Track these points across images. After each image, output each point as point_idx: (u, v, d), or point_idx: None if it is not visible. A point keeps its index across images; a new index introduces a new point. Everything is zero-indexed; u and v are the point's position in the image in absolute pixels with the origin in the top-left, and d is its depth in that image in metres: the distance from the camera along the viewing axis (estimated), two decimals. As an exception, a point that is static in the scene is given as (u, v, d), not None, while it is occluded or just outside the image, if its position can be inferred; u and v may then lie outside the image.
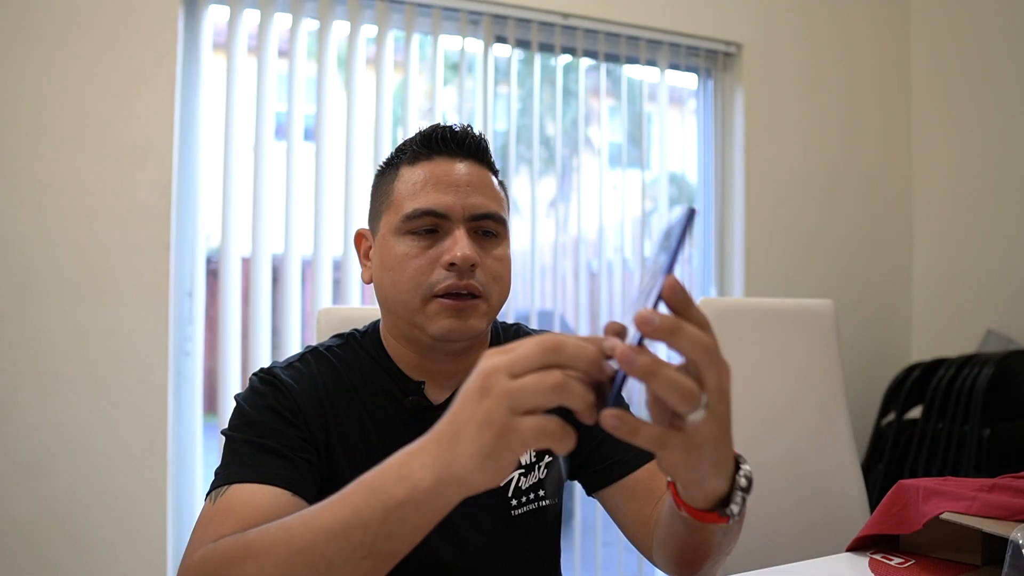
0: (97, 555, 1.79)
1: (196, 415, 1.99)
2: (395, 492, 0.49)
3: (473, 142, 0.86)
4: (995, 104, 2.52)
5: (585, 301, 2.42)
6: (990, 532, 0.83)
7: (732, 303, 1.60)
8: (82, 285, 1.80)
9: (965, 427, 2.08)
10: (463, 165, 0.84)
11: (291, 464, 0.75)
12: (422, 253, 0.81)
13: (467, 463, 0.46)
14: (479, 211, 0.83)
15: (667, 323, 0.45)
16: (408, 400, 0.85)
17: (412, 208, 0.82)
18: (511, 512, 0.87)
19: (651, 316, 0.45)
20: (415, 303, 0.81)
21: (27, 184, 1.77)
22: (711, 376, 0.47)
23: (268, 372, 0.84)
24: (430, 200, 0.81)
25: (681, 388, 0.45)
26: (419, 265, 0.81)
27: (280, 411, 0.79)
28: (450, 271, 0.80)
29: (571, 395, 0.45)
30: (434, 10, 2.18)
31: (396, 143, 2.21)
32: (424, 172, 0.83)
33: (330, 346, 0.89)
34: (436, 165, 0.84)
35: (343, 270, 2.10)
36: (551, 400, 0.45)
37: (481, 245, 0.83)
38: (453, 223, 0.82)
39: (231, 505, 0.70)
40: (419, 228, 0.82)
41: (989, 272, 2.53)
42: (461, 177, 0.83)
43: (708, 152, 2.62)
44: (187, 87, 1.98)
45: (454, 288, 0.80)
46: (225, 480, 0.73)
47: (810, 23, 2.66)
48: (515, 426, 0.45)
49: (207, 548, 0.62)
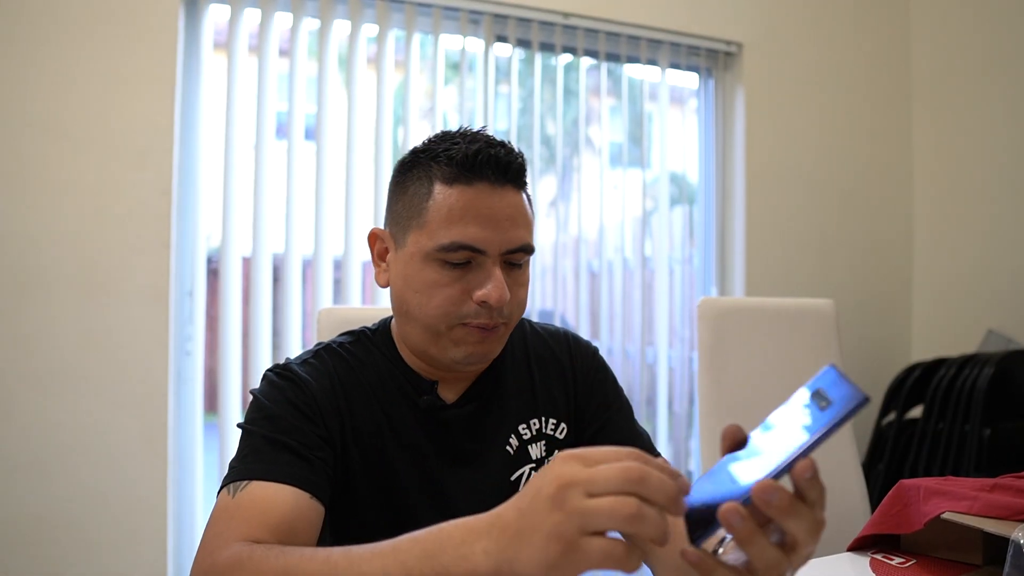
0: (97, 554, 1.79)
1: (196, 414, 1.99)
2: (453, 569, 0.50)
3: (516, 169, 0.81)
4: (995, 104, 2.52)
5: (585, 301, 2.42)
6: (991, 532, 0.83)
7: (732, 303, 1.60)
8: (82, 285, 1.80)
9: (966, 427, 2.08)
10: (504, 195, 0.80)
11: (308, 465, 0.75)
12: (453, 284, 0.79)
13: (529, 567, 0.46)
14: (515, 245, 0.80)
15: (784, 504, 0.46)
16: (422, 400, 0.86)
17: (449, 240, 0.78)
18: None
19: (772, 492, 0.46)
20: (440, 328, 0.81)
21: (27, 184, 1.77)
22: (808, 549, 0.48)
23: (284, 368, 0.83)
24: (468, 235, 0.78)
25: (767, 562, 0.47)
26: (449, 295, 0.79)
27: (298, 405, 0.79)
28: (481, 307, 0.79)
29: (645, 526, 0.44)
30: (435, 9, 2.18)
31: (397, 143, 2.23)
32: (463, 200, 0.78)
33: (343, 343, 0.89)
34: (477, 194, 0.78)
35: (343, 270, 2.10)
36: (623, 528, 0.45)
37: (509, 275, 0.81)
38: (488, 258, 0.79)
39: (254, 502, 0.70)
40: (453, 260, 0.79)
41: (989, 272, 2.52)
42: (502, 210, 0.79)
43: (709, 152, 2.62)
44: (188, 87, 1.98)
45: (485, 326, 0.80)
46: (244, 475, 0.72)
47: (811, 23, 2.66)
48: (583, 545, 0.45)
49: (239, 550, 0.62)
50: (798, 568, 0.49)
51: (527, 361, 0.94)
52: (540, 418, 0.91)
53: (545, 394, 0.93)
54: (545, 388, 0.93)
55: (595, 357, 0.98)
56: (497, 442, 0.88)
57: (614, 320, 2.46)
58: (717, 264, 2.60)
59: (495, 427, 0.89)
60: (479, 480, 0.86)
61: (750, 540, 0.46)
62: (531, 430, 0.90)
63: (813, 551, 0.49)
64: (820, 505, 0.48)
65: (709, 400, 1.48)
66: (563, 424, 0.92)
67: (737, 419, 0.54)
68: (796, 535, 0.47)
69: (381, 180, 2.13)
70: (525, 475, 0.88)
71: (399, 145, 2.24)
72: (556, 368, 0.95)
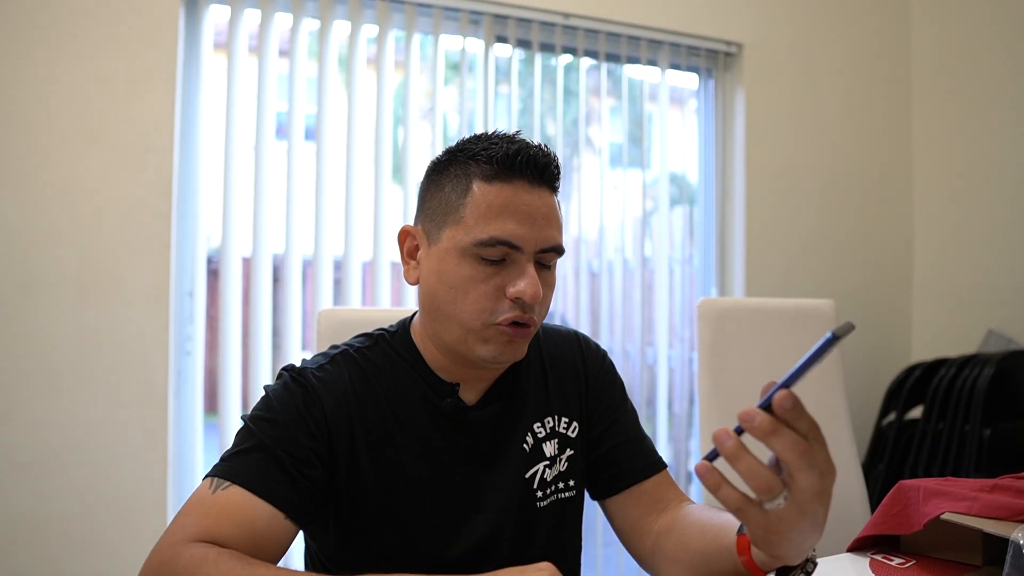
0: (98, 553, 1.79)
1: (196, 414, 1.99)
2: None
3: (552, 171, 0.83)
4: (995, 104, 2.52)
5: (586, 301, 2.42)
6: (991, 532, 0.83)
7: (732, 303, 1.60)
8: (83, 285, 1.80)
9: (966, 427, 2.08)
10: (541, 194, 0.82)
11: (293, 484, 0.75)
12: (488, 280, 0.80)
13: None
14: (548, 245, 0.81)
15: (765, 425, 0.53)
16: (445, 403, 0.86)
17: (487, 235, 0.78)
18: (536, 504, 0.89)
19: (752, 415, 0.53)
20: (474, 326, 0.81)
21: (28, 184, 1.77)
22: (804, 478, 0.54)
23: (300, 373, 0.83)
24: (507, 231, 0.79)
25: (757, 478, 0.54)
26: (484, 291, 0.80)
27: (305, 417, 0.79)
28: (515, 303, 0.80)
29: None
30: (435, 10, 2.18)
31: (396, 143, 2.23)
32: (502, 197, 0.80)
33: (360, 347, 0.89)
34: (515, 191, 0.80)
35: (344, 270, 2.10)
36: None
37: (540, 275, 0.82)
38: (523, 255, 0.80)
39: (229, 506, 0.71)
40: (490, 256, 0.79)
41: (989, 272, 2.52)
42: (539, 209, 0.81)
43: (709, 152, 2.62)
44: (188, 87, 1.99)
45: (517, 320, 0.80)
46: (231, 475, 0.74)
47: (811, 23, 2.66)
48: None
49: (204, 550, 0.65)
50: (810, 502, 0.54)
51: (540, 360, 0.95)
52: (554, 416, 0.93)
53: (558, 393, 0.94)
54: (558, 387, 0.94)
55: (604, 360, 1.00)
56: (515, 441, 0.89)
57: (614, 320, 2.46)
58: (717, 264, 2.60)
59: (514, 427, 0.90)
60: (498, 479, 0.87)
61: (736, 457, 0.54)
62: (545, 428, 0.92)
63: (819, 486, 0.54)
64: (815, 439, 0.54)
65: (709, 400, 1.48)
66: (575, 423, 0.94)
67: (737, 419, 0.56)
68: (783, 456, 0.54)
69: (381, 180, 2.13)
70: (539, 472, 0.89)
71: (399, 145, 2.24)
72: (569, 368, 0.96)
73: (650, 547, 0.88)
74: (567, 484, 0.92)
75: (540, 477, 0.89)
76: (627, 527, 0.92)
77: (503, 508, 0.86)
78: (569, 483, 0.92)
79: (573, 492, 0.93)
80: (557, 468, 0.91)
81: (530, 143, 0.83)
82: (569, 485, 0.92)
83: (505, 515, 0.86)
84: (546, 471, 0.90)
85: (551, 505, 0.90)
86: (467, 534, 0.84)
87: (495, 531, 0.85)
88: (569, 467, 0.92)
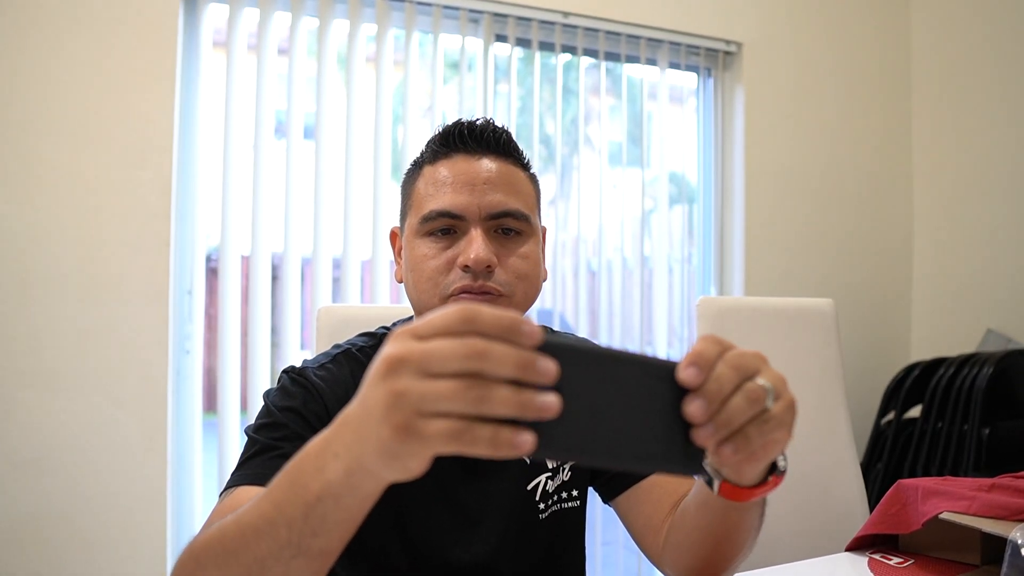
0: (97, 553, 1.79)
1: (196, 413, 1.99)
2: (312, 486, 0.47)
3: (492, 136, 0.84)
4: (995, 104, 2.52)
5: (585, 300, 2.42)
6: (989, 532, 0.83)
7: (732, 302, 1.59)
8: (82, 283, 1.80)
9: (964, 427, 2.08)
10: (482, 162, 0.82)
11: None
12: (439, 254, 0.80)
13: (372, 460, 0.43)
14: (496, 209, 0.81)
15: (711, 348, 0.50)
16: None
17: (428, 209, 0.81)
18: (538, 516, 0.88)
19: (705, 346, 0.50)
20: (434, 303, 0.81)
21: (27, 182, 1.77)
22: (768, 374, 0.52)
23: (300, 373, 0.83)
24: (446, 201, 0.80)
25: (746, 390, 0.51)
26: (436, 266, 0.80)
27: (306, 415, 0.79)
28: (465, 272, 0.79)
29: (494, 406, 0.40)
30: (434, 8, 2.18)
31: (396, 142, 2.23)
32: (443, 171, 0.82)
33: (362, 346, 0.89)
34: (454, 163, 0.82)
35: (342, 268, 2.10)
36: (469, 411, 0.40)
37: (503, 244, 0.81)
38: (469, 223, 0.80)
39: (234, 505, 0.70)
40: (435, 229, 0.81)
41: (989, 272, 2.52)
42: (479, 175, 0.81)
43: (708, 151, 2.62)
44: (187, 85, 1.98)
45: (468, 289, 0.79)
46: (235, 482, 0.74)
47: (810, 22, 2.66)
48: (421, 429, 0.40)
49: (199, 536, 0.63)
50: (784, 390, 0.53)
51: None
52: None
53: None
54: None
55: None
56: None
57: (613, 319, 2.46)
58: (716, 263, 2.60)
59: None
60: (497, 490, 0.86)
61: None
62: None
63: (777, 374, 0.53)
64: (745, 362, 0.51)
65: (708, 399, 1.47)
66: None
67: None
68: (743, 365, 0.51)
69: (380, 179, 2.12)
70: (541, 484, 0.88)
71: (398, 144, 2.24)
72: None
73: (661, 544, 0.86)
74: (570, 494, 0.91)
75: (542, 489, 0.88)
76: (639, 527, 0.89)
77: (503, 520, 0.85)
78: (572, 492, 0.91)
79: (577, 502, 0.91)
80: (560, 478, 0.90)
81: (475, 119, 0.85)
82: (572, 495, 0.91)
83: (505, 527, 0.85)
84: (548, 482, 0.89)
85: (552, 516, 0.89)
86: (467, 545, 0.83)
87: (495, 543, 0.85)
88: (573, 476, 0.91)
